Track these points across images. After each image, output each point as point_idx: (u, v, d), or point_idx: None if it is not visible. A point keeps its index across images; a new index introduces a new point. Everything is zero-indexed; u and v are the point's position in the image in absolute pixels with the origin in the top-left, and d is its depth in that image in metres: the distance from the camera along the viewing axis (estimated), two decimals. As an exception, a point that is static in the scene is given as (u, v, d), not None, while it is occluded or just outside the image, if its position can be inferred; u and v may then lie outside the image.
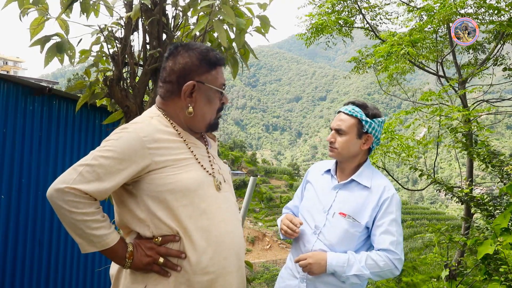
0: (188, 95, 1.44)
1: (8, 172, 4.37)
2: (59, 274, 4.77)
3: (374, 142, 1.86)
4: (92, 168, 1.28)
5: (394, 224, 1.75)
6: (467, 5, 8.07)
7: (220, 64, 1.49)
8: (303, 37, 10.33)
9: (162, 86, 1.49)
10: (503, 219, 2.57)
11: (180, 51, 1.45)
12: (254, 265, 3.56)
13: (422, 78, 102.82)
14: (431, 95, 7.94)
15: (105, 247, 1.32)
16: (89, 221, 1.28)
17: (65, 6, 2.08)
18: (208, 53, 1.46)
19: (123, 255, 1.35)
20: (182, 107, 1.45)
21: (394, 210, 1.77)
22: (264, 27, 2.32)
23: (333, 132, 1.88)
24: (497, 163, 4.40)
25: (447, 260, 3.60)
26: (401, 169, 76.11)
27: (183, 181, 1.37)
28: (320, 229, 1.81)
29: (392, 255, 1.71)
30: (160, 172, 1.36)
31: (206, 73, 1.45)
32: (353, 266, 1.69)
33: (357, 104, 1.87)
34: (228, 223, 1.45)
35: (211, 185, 1.45)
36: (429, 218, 39.12)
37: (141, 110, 2.31)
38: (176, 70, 1.44)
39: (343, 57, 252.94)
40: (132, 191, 1.38)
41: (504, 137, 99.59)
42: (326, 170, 1.96)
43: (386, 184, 1.82)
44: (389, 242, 1.72)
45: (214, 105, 1.49)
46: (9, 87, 4.41)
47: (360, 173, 1.85)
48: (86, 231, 1.28)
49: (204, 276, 1.37)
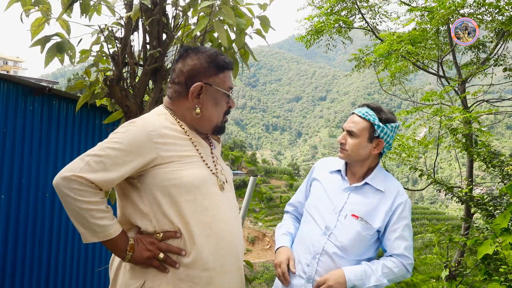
0: (195, 96, 1.47)
1: (8, 172, 4.37)
2: (59, 274, 4.77)
3: (386, 147, 1.84)
4: (99, 158, 1.31)
5: (408, 229, 1.77)
6: (467, 5, 8.08)
7: (228, 68, 1.53)
8: (303, 39, 10.34)
9: (171, 87, 1.52)
10: (503, 219, 2.58)
11: (190, 54, 1.50)
12: (254, 265, 3.56)
13: (422, 78, 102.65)
14: (432, 95, 7.93)
15: (107, 238, 1.34)
16: (93, 210, 1.30)
17: (66, 6, 2.08)
18: (217, 56, 1.50)
19: (124, 247, 1.37)
20: (189, 108, 1.48)
21: (408, 215, 1.80)
22: (264, 27, 2.32)
23: (344, 133, 1.85)
24: (497, 163, 4.40)
25: (447, 260, 3.60)
26: (401, 169, 76.08)
27: (187, 177, 1.40)
28: (331, 230, 1.78)
29: (406, 260, 1.74)
30: (165, 167, 1.38)
31: (214, 75, 1.49)
32: (371, 277, 1.70)
33: (372, 107, 1.83)
34: (229, 223, 1.47)
35: (214, 184, 1.48)
36: (429, 218, 39.17)
37: (141, 110, 2.31)
38: (185, 72, 1.48)
39: (343, 57, 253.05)
40: (136, 185, 1.40)
41: (504, 137, 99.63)
42: (335, 170, 1.93)
43: (399, 188, 1.83)
44: (404, 248, 1.75)
45: (221, 107, 1.52)
46: (9, 87, 4.41)
47: (373, 177, 1.83)
48: (90, 220, 1.30)
49: (204, 272, 1.38)
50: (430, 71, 10.08)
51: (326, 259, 1.76)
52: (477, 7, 8.38)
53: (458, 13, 7.92)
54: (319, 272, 1.75)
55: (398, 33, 8.57)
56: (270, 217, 43.32)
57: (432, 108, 8.28)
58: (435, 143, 7.97)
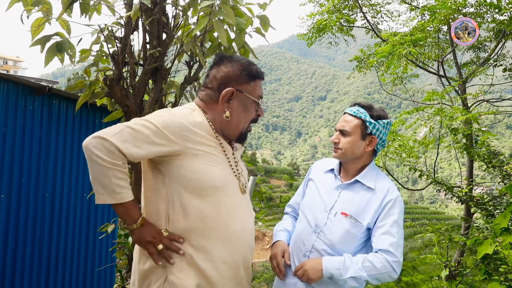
0: (226, 101, 1.54)
1: (8, 172, 4.37)
2: (59, 273, 4.77)
3: (379, 144, 1.85)
4: (133, 131, 1.39)
5: (396, 226, 1.73)
6: (469, 4, 8.07)
7: (259, 78, 1.60)
8: (304, 37, 10.34)
9: (204, 90, 1.59)
10: (503, 219, 2.57)
11: (224, 61, 1.58)
12: (254, 265, 3.57)
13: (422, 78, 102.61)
14: (434, 95, 7.93)
15: (123, 200, 1.40)
16: (116, 171, 1.37)
17: (66, 6, 2.08)
18: (249, 65, 1.59)
19: (135, 217, 1.44)
20: (219, 111, 1.55)
21: (397, 212, 1.76)
22: (264, 27, 2.32)
23: (337, 133, 1.87)
24: (497, 163, 4.41)
25: (447, 260, 3.60)
26: (401, 169, 75.99)
27: (211, 174, 1.47)
28: (320, 228, 1.80)
29: (391, 257, 1.68)
30: (191, 159, 1.45)
31: (246, 83, 1.56)
32: (349, 269, 1.67)
33: (363, 105, 1.86)
34: (245, 222, 1.56)
35: (236, 186, 1.56)
36: (429, 218, 39.11)
37: (141, 110, 2.31)
38: (218, 78, 1.56)
39: (343, 56, 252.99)
40: (161, 170, 1.47)
41: (504, 137, 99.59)
42: (329, 169, 1.94)
43: (390, 186, 1.82)
44: (389, 243, 1.70)
45: (249, 114, 1.59)
46: (9, 86, 4.40)
47: (364, 174, 1.84)
48: (112, 180, 1.37)
49: (222, 265, 1.47)
50: (430, 71, 10.08)
51: (315, 255, 1.78)
52: (478, 7, 8.37)
53: (460, 13, 7.91)
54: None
55: (400, 34, 8.56)
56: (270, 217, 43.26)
57: (433, 108, 8.28)
58: (435, 143, 7.97)
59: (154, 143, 1.39)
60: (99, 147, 1.34)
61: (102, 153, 1.34)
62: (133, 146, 1.37)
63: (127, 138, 1.37)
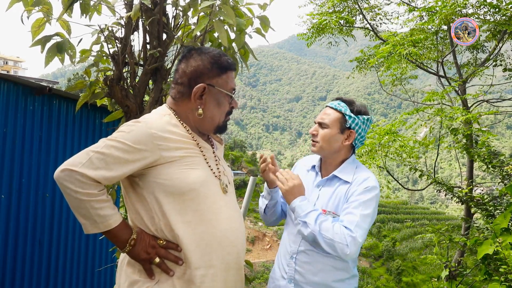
0: (198, 97, 1.48)
1: (8, 172, 4.38)
2: (59, 273, 4.78)
3: (357, 139, 1.84)
4: (102, 155, 1.32)
5: (361, 207, 1.68)
6: (469, 4, 8.07)
7: (231, 69, 1.53)
8: (304, 36, 10.34)
9: (174, 87, 1.53)
10: (503, 219, 2.58)
11: (193, 54, 1.51)
12: (254, 265, 3.56)
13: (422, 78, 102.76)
14: (434, 96, 7.93)
15: (107, 228, 1.35)
16: (93, 201, 1.31)
17: (66, 6, 2.08)
18: (220, 57, 1.51)
19: (125, 239, 1.38)
20: (192, 108, 1.49)
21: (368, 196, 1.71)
22: (264, 27, 2.32)
23: (316, 125, 1.87)
24: (497, 164, 4.41)
25: (447, 260, 3.60)
26: (401, 169, 76.07)
27: (190, 178, 1.41)
28: None
29: (348, 231, 1.62)
30: (167, 167, 1.39)
31: (217, 76, 1.50)
32: (309, 216, 1.65)
33: (344, 100, 1.86)
34: (233, 221, 1.50)
35: (217, 186, 1.50)
36: (429, 218, 39.13)
37: (141, 110, 2.31)
38: (188, 73, 1.49)
39: (344, 56, 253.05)
40: (138, 183, 1.42)
41: (504, 137, 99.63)
42: (311, 166, 1.95)
43: (368, 176, 1.77)
44: (349, 221, 1.65)
45: (223, 108, 1.53)
46: (9, 87, 4.41)
47: (342, 169, 1.83)
48: (90, 211, 1.31)
49: (209, 269, 1.40)
50: (430, 71, 10.08)
51: (302, 257, 1.78)
52: (478, 7, 8.37)
53: (460, 13, 7.91)
54: (298, 271, 1.77)
55: (400, 34, 8.56)
56: (270, 217, 43.22)
57: (433, 108, 8.28)
58: (435, 143, 7.97)
59: (128, 162, 1.34)
60: (70, 180, 1.28)
61: (75, 185, 1.28)
62: (107, 171, 1.31)
63: (98, 164, 1.31)
